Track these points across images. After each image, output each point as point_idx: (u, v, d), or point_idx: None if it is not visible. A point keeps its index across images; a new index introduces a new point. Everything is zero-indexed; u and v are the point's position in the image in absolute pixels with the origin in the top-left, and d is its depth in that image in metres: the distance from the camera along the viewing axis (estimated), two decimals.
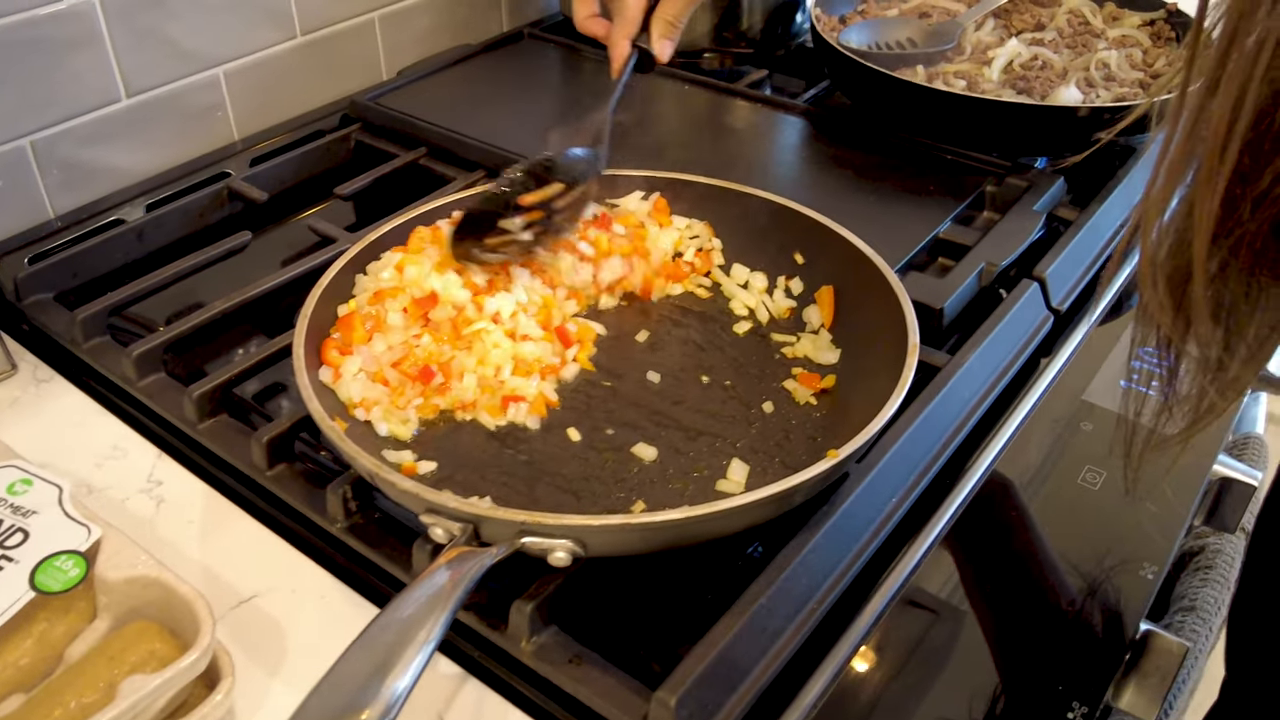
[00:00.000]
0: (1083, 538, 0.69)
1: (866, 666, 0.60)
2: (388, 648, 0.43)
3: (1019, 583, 0.66)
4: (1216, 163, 0.39)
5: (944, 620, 0.63)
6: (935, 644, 0.61)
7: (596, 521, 0.53)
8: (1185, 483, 0.73)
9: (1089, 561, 0.67)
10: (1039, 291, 0.83)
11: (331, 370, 0.68)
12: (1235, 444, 1.01)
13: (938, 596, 0.64)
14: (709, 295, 0.81)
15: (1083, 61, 1.07)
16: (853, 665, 0.59)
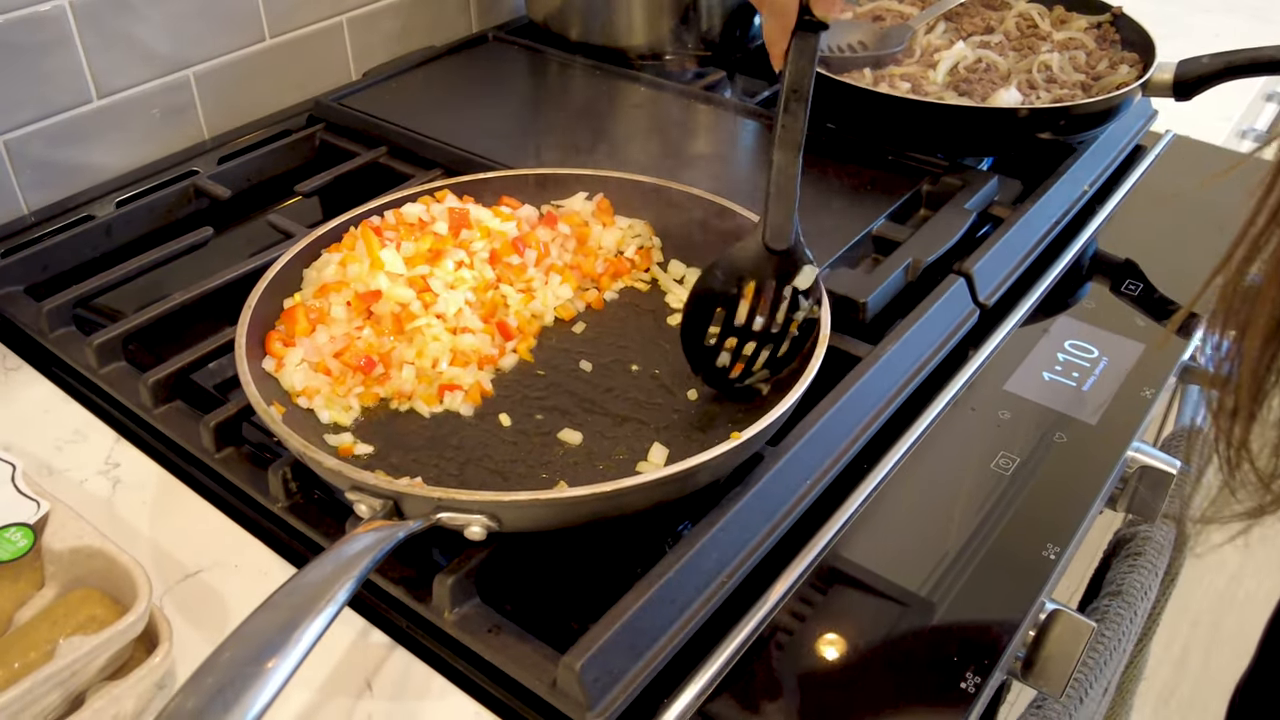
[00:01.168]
0: (991, 520, 0.72)
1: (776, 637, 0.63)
2: (294, 607, 0.46)
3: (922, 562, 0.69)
4: None
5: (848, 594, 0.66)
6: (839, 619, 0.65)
7: (507, 497, 0.56)
8: (1096, 470, 0.76)
9: (994, 542, 0.70)
10: (965, 286, 0.87)
11: (275, 360, 0.71)
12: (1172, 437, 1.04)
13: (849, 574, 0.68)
14: (647, 289, 0.85)
15: (1026, 64, 1.10)
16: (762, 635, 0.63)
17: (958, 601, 0.67)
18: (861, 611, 0.65)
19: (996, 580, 0.68)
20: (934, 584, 0.68)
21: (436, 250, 0.77)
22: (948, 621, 0.66)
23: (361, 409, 0.72)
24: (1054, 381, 0.83)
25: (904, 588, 0.67)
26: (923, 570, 0.68)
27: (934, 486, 0.74)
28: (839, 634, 0.64)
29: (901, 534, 0.71)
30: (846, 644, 0.63)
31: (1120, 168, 1.12)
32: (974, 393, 0.82)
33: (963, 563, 0.69)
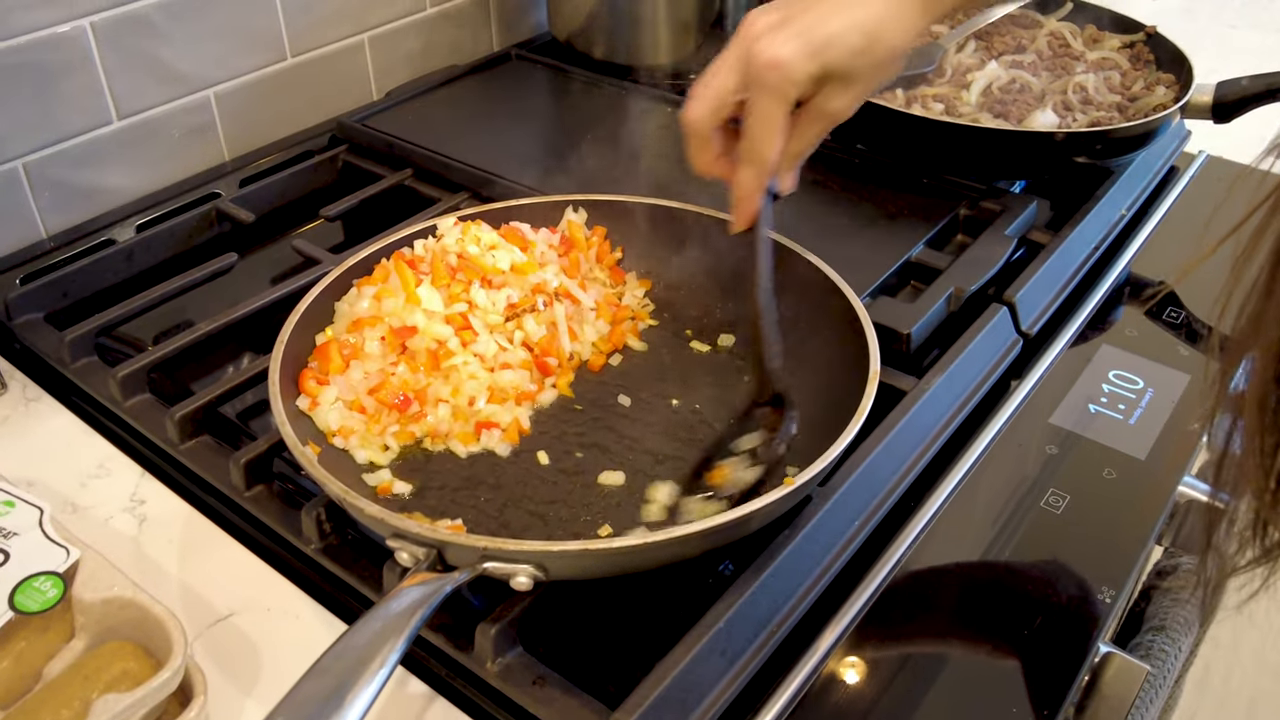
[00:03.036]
0: (1044, 561, 0.70)
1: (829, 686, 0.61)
2: (343, 673, 0.44)
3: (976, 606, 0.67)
4: None
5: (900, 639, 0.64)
6: (893, 666, 0.63)
7: (556, 547, 0.54)
8: (1148, 508, 0.74)
9: (1048, 585, 0.68)
10: (1008, 315, 0.85)
11: (309, 399, 0.69)
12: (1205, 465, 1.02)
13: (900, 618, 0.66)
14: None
15: (1060, 85, 1.09)
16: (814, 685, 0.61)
17: (1013, 647, 0.64)
18: (915, 657, 0.63)
19: (1052, 625, 0.66)
20: (988, 628, 0.66)
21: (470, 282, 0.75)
22: (1004, 668, 0.63)
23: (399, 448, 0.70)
24: (1100, 414, 0.81)
25: (957, 632, 0.65)
26: (975, 614, 0.66)
27: (984, 525, 0.72)
28: (892, 681, 0.62)
29: (952, 575, 0.69)
30: (901, 691, 0.61)
31: (1155, 191, 1.10)
32: (1019, 426, 0.80)
33: (1017, 606, 0.67)
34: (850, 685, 0.61)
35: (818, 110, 0.68)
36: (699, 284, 0.85)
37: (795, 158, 0.70)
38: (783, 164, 0.70)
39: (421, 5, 1.22)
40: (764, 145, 0.67)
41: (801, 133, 0.69)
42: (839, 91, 0.67)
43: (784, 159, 0.69)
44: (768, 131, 0.67)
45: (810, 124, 0.68)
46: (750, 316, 0.70)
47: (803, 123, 0.68)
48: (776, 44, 0.64)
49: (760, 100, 0.66)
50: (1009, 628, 0.66)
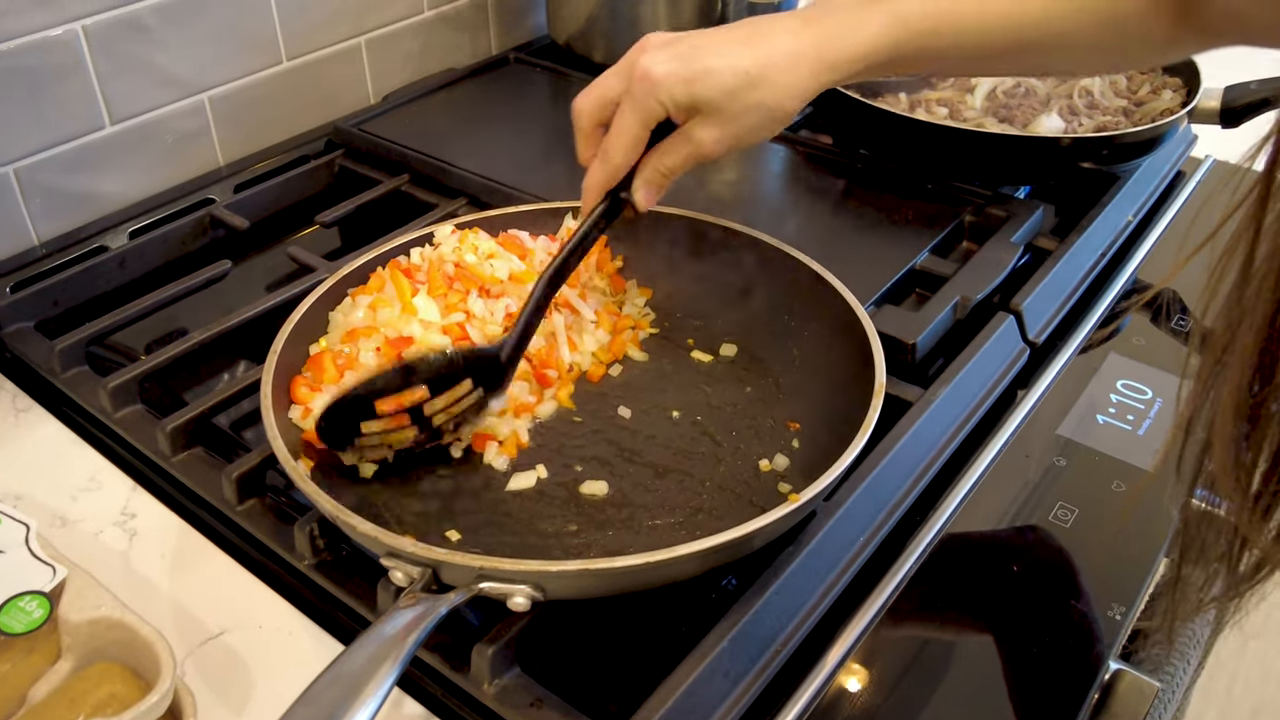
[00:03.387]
0: (1052, 576, 0.69)
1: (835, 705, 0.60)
2: (336, 701, 0.43)
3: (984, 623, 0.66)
4: None
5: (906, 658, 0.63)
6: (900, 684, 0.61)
7: (554, 567, 0.53)
8: (1158, 522, 0.73)
9: (1057, 601, 0.67)
10: (1015, 324, 0.83)
11: (301, 407, 0.68)
12: None
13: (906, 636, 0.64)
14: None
15: (1066, 89, 1.07)
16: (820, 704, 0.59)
17: (1023, 666, 0.63)
18: (921, 677, 0.62)
19: (1062, 642, 0.64)
20: (996, 645, 0.64)
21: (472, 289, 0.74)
22: (1013, 687, 0.62)
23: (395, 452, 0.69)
24: (1109, 425, 0.80)
25: (966, 650, 0.64)
26: (984, 631, 0.65)
27: (992, 540, 0.71)
28: (899, 700, 0.60)
29: (960, 592, 0.67)
30: (908, 710, 0.60)
31: (1161, 196, 1.08)
32: (1026, 437, 0.78)
33: (1026, 622, 0.66)
34: (857, 704, 0.60)
35: (685, 135, 0.69)
36: (700, 292, 0.84)
37: (659, 174, 0.71)
38: (644, 174, 0.71)
39: (419, 8, 1.21)
40: (616, 148, 0.70)
41: (668, 151, 0.70)
42: (709, 125, 0.67)
43: (647, 170, 0.71)
44: (622, 137, 0.69)
45: (677, 146, 0.69)
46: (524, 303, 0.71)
47: (672, 143, 0.70)
48: (656, 62, 0.66)
49: (625, 107, 0.68)
50: (1018, 645, 0.64)
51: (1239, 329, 0.38)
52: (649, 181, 0.71)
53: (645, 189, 0.71)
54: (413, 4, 1.20)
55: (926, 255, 0.89)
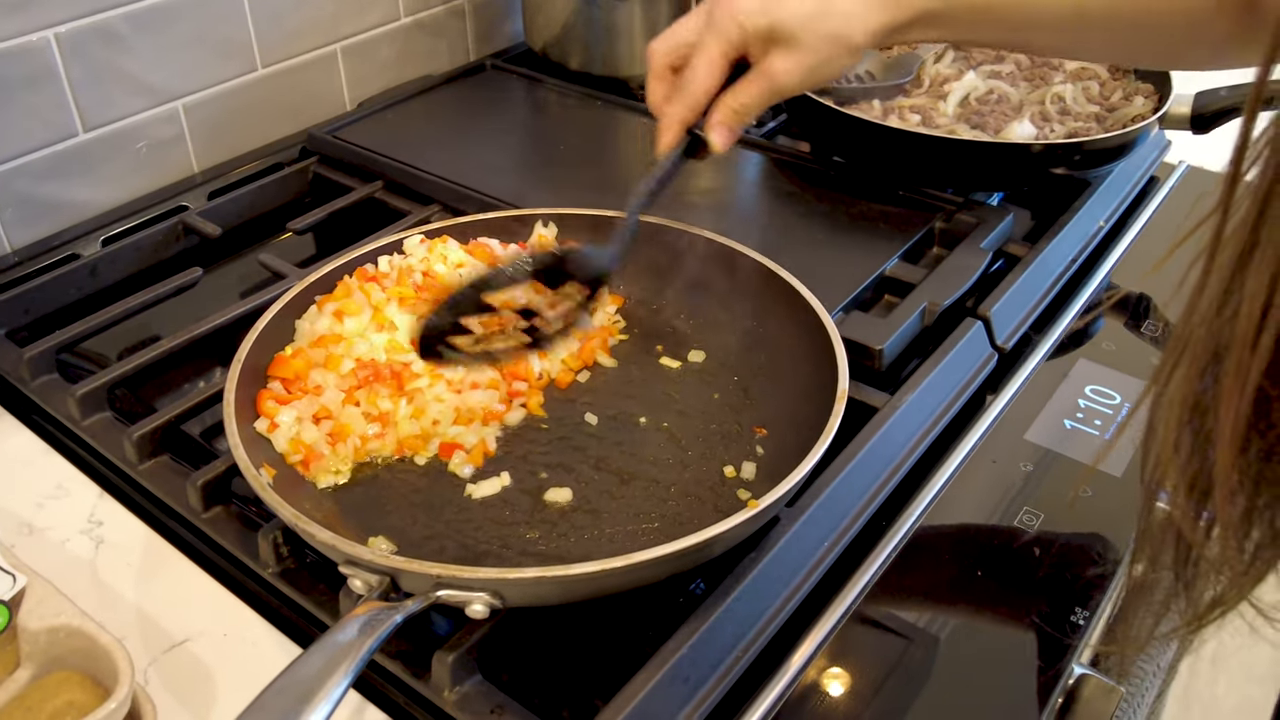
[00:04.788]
0: (1017, 581, 0.69)
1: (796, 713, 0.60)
2: (283, 711, 0.43)
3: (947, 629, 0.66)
4: (1247, 355, 0.33)
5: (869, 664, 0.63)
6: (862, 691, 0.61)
7: (511, 575, 0.53)
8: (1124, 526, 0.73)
9: (1020, 606, 0.67)
10: (983, 330, 0.84)
11: (267, 420, 0.68)
12: None
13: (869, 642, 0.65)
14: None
15: (1038, 95, 1.08)
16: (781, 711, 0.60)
17: (984, 671, 0.63)
18: (883, 681, 0.62)
19: (1024, 647, 0.65)
20: (959, 652, 0.64)
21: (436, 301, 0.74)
22: (974, 691, 0.62)
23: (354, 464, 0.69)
24: (1076, 430, 0.80)
25: (928, 656, 0.64)
26: (946, 637, 0.65)
27: (956, 545, 0.71)
28: (860, 705, 0.61)
29: (923, 598, 0.68)
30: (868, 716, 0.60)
31: (1134, 202, 1.09)
32: (994, 443, 0.79)
33: (989, 628, 0.66)
34: (818, 711, 0.60)
35: (762, 70, 0.71)
36: (671, 299, 0.84)
37: (734, 113, 0.73)
38: (719, 114, 0.73)
39: (395, 15, 1.21)
40: (697, 80, 0.72)
41: (745, 88, 0.72)
42: (784, 55, 0.70)
43: (722, 110, 0.73)
44: (704, 67, 0.71)
45: (754, 82, 0.72)
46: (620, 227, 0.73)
47: (748, 80, 0.72)
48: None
49: (707, 39, 0.71)
50: (981, 650, 0.65)
51: (1195, 328, 0.38)
52: (724, 120, 0.73)
53: (721, 128, 0.74)
54: (389, 11, 1.20)
55: (896, 262, 0.89)
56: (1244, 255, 0.32)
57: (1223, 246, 0.34)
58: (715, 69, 0.72)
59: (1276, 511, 0.37)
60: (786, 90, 0.72)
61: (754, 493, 0.67)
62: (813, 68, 0.71)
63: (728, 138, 0.74)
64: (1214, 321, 0.34)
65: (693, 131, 0.74)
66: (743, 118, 0.73)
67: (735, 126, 0.74)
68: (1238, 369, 0.33)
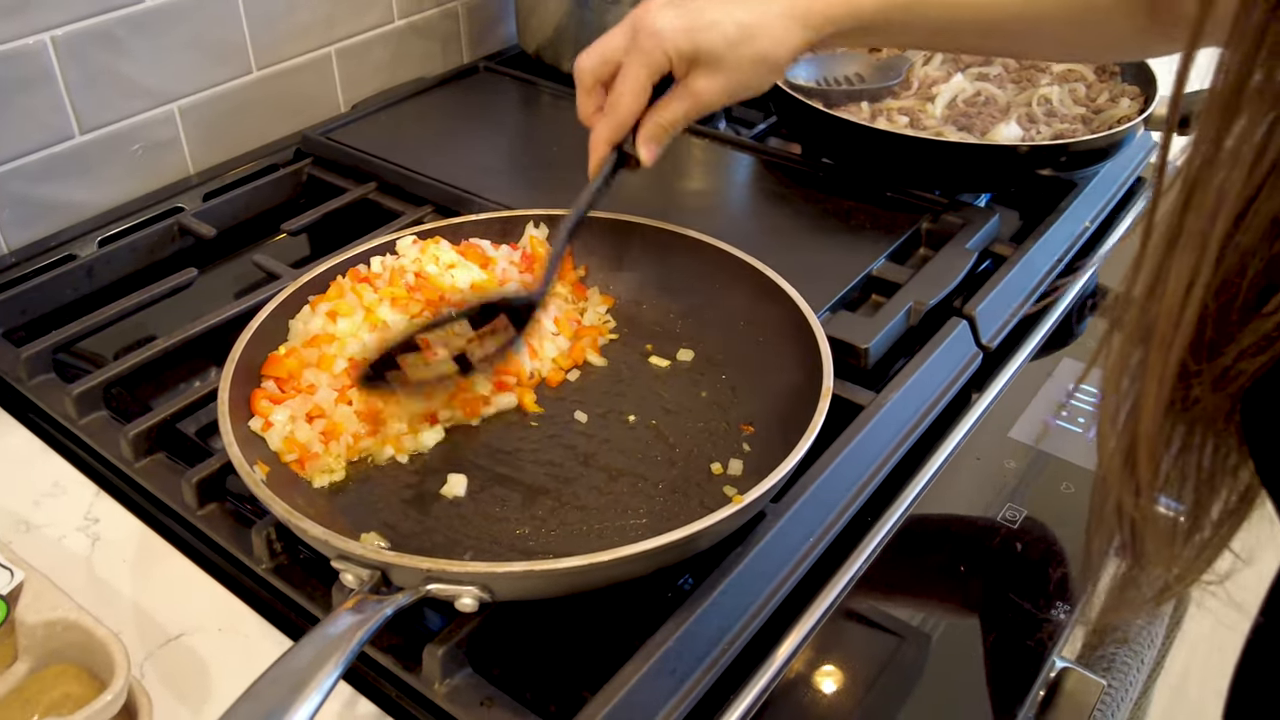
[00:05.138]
0: (1000, 576, 0.70)
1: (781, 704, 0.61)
2: (277, 699, 0.44)
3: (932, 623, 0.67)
4: (1171, 330, 0.36)
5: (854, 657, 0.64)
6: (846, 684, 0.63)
7: (499, 569, 0.54)
8: None
9: (1003, 601, 0.68)
10: (968, 329, 0.85)
11: (261, 419, 0.69)
12: None
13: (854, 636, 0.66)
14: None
15: (1025, 97, 1.09)
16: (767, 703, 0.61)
17: (967, 664, 0.65)
18: (869, 675, 0.63)
19: (1007, 640, 0.66)
20: (943, 645, 0.66)
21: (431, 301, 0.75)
22: (958, 684, 0.64)
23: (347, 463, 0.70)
24: (1060, 428, 0.82)
25: (912, 649, 0.65)
26: (930, 631, 0.66)
27: (940, 540, 0.72)
28: (846, 699, 0.62)
29: (907, 593, 0.69)
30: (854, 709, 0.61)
31: (1121, 202, 1.10)
32: (978, 440, 0.80)
33: (972, 622, 0.67)
34: (803, 704, 0.61)
35: (687, 88, 0.74)
36: (661, 299, 0.85)
37: (660, 128, 0.75)
38: (646, 130, 0.75)
39: (390, 17, 1.22)
40: (622, 101, 0.74)
41: (669, 105, 0.75)
42: (708, 76, 0.73)
43: (649, 126, 0.75)
44: (629, 89, 0.73)
45: (679, 100, 0.74)
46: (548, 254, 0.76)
47: (672, 97, 0.75)
48: (661, 17, 0.72)
49: (631, 60, 0.73)
50: (964, 644, 0.66)
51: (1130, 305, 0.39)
52: (652, 136, 0.76)
53: (648, 143, 0.76)
54: (384, 13, 1.21)
55: (883, 262, 0.90)
56: (1171, 241, 0.35)
57: (1154, 230, 0.37)
58: (640, 90, 0.74)
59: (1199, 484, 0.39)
60: (711, 106, 0.75)
61: (740, 489, 0.68)
62: (736, 87, 0.74)
63: (655, 152, 0.76)
64: (1146, 300, 0.37)
65: (620, 148, 0.76)
66: (669, 132, 0.76)
67: (662, 140, 0.76)
68: (1162, 342, 0.35)
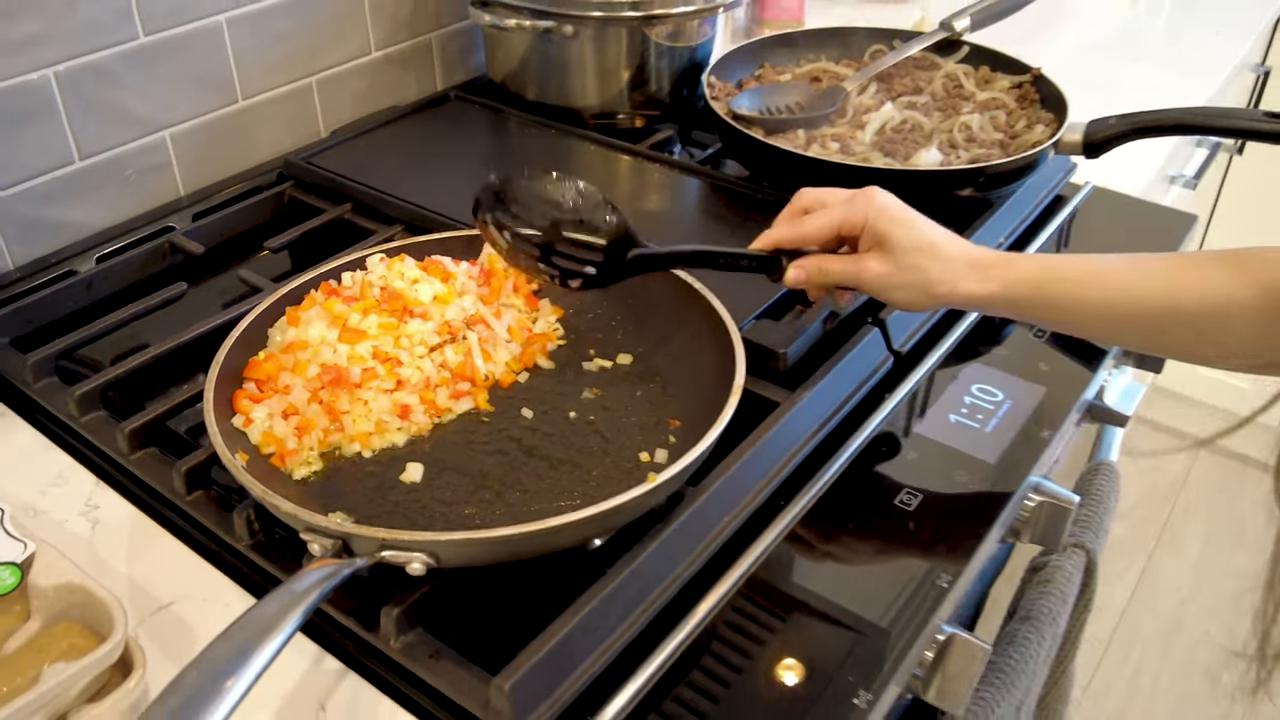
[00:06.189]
0: (892, 551, 0.79)
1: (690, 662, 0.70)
2: (248, 637, 0.53)
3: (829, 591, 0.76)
4: None
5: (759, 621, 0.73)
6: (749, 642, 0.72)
7: (444, 536, 0.63)
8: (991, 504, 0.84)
9: (893, 572, 0.78)
10: (880, 335, 0.94)
11: (243, 416, 0.78)
12: (1087, 472, 1.12)
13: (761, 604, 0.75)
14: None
15: (948, 124, 1.19)
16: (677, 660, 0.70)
17: (859, 626, 0.74)
18: (770, 636, 0.73)
19: (895, 607, 0.75)
20: (838, 612, 0.75)
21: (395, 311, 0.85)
22: (847, 645, 0.73)
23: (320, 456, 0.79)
24: (959, 423, 0.91)
25: (810, 614, 0.74)
26: (828, 599, 0.76)
27: (844, 521, 0.82)
28: (746, 657, 0.71)
29: (811, 566, 0.78)
30: (754, 665, 0.71)
31: (1040, 219, 1.20)
32: (886, 435, 0.90)
33: (867, 591, 0.76)
34: (709, 661, 0.70)
35: (857, 257, 0.84)
36: (606, 310, 0.94)
37: (817, 269, 0.85)
38: (807, 261, 0.86)
39: (367, 49, 1.32)
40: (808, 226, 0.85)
41: (836, 260, 0.85)
42: (879, 259, 0.82)
43: (811, 260, 0.86)
44: (822, 221, 0.85)
45: (845, 260, 0.85)
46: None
47: (843, 256, 0.86)
48: (885, 197, 0.84)
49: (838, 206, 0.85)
50: (858, 610, 0.75)
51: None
52: (806, 268, 0.85)
53: (800, 272, 0.85)
54: (361, 46, 1.31)
55: None
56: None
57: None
58: (828, 226, 0.83)
59: None
60: (863, 285, 0.83)
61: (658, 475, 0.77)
62: (892, 284, 0.81)
63: (799, 281, 0.85)
64: None
65: (780, 254, 0.86)
66: (820, 278, 0.85)
67: (811, 279, 0.85)
68: None
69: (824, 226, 0.84)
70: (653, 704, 0.68)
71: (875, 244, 0.82)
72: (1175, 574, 2.41)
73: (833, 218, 0.84)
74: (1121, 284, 0.78)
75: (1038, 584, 0.99)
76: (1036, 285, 0.80)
